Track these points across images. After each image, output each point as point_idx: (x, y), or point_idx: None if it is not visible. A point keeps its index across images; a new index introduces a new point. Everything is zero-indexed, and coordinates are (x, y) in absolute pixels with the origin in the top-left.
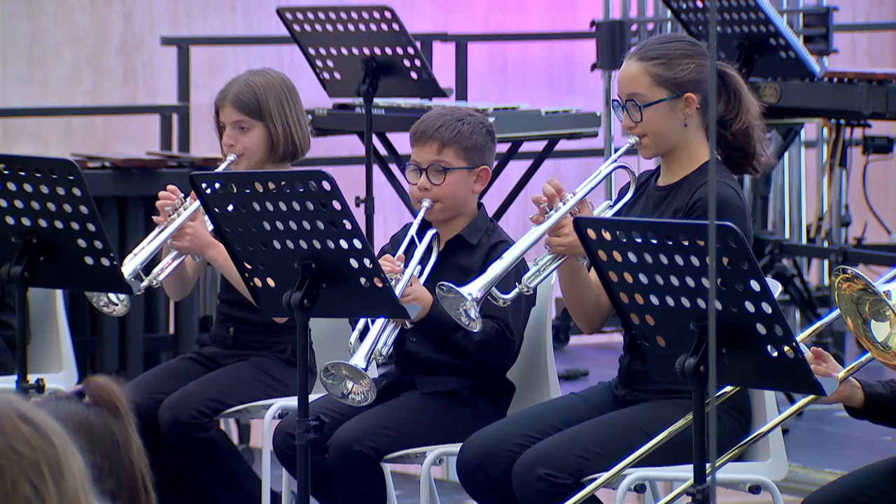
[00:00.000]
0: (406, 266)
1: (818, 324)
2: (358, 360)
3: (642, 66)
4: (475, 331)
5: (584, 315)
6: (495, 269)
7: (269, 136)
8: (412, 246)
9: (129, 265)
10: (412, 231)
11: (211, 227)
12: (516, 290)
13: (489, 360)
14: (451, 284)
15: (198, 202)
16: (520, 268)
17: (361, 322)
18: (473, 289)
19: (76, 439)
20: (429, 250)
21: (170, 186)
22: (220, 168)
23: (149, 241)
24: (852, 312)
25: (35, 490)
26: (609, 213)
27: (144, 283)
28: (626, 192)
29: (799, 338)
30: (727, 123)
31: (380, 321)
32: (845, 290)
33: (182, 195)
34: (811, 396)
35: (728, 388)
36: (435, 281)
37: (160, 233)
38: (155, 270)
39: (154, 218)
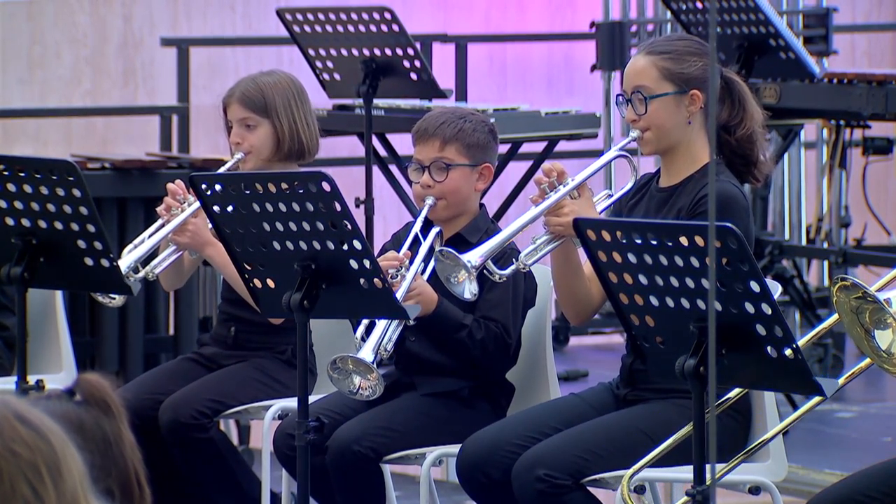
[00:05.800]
0: (411, 264)
1: (818, 328)
2: (366, 353)
3: (650, 59)
4: (470, 300)
5: (572, 304)
6: (495, 240)
7: (275, 133)
8: (415, 244)
9: (129, 257)
10: (415, 229)
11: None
12: (513, 266)
13: (488, 361)
14: (450, 249)
15: None
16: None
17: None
18: (473, 256)
19: (69, 437)
20: (432, 248)
21: (178, 181)
22: (227, 166)
23: (150, 235)
24: (853, 323)
25: (34, 491)
26: (607, 203)
27: (140, 275)
28: (629, 190)
29: (801, 342)
30: (731, 129)
31: None
32: (843, 301)
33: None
34: (816, 399)
35: (731, 394)
36: (436, 279)
37: (162, 227)
38: (153, 263)
39: (158, 209)
